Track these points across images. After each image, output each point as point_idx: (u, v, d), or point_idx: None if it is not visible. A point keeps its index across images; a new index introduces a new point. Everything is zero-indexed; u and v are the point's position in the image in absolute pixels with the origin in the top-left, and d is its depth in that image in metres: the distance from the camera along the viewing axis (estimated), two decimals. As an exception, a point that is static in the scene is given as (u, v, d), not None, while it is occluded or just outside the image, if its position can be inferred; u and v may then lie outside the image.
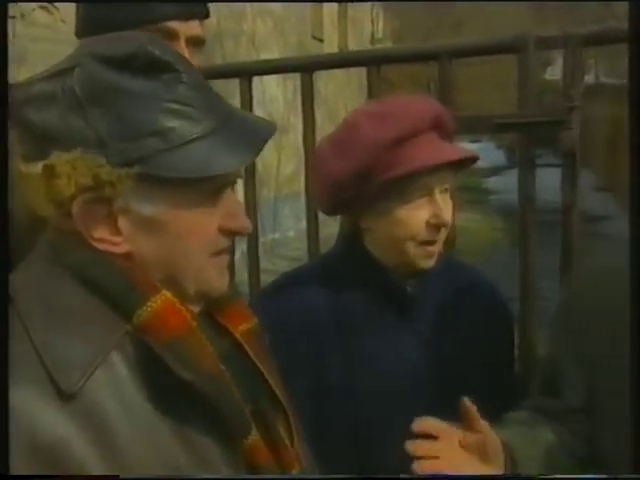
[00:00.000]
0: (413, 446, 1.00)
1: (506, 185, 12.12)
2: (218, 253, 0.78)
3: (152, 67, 0.72)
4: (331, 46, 13.03)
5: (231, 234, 0.79)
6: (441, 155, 1.15)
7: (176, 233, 0.74)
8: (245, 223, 0.80)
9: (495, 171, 14.27)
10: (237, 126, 0.75)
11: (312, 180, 1.26)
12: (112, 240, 0.73)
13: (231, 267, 1.05)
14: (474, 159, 1.22)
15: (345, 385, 1.20)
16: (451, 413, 1.10)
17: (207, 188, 0.74)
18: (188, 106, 0.73)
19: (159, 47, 0.74)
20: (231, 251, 0.84)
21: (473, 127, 1.82)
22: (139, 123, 0.70)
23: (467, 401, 1.04)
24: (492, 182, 14.19)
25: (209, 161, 0.72)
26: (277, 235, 8.42)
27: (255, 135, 0.76)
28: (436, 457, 1.00)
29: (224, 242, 0.79)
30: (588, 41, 1.56)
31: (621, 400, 1.13)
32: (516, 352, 1.51)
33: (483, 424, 1.04)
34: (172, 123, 0.71)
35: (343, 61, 1.78)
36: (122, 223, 0.73)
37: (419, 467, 0.99)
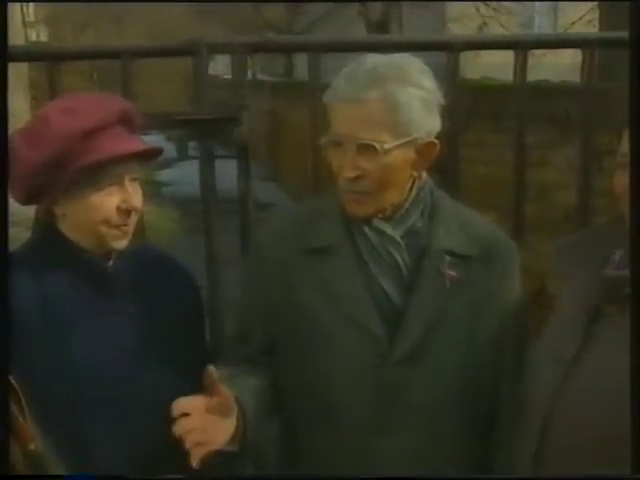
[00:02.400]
0: (175, 428, 1.15)
1: (178, 177, 12.34)
2: None
3: None
4: (-21, 30, 11.86)
5: None
6: (127, 146, 1.28)
7: None
8: None
9: (167, 164, 14.44)
10: None
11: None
12: None
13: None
14: (159, 151, 1.37)
15: (60, 372, 1.25)
16: (163, 382, 1.29)
17: None
18: None
19: None
20: None
21: (153, 123, 1.94)
22: None
23: (211, 369, 1.18)
24: (164, 174, 14.33)
25: None
26: None
27: None
28: (193, 429, 1.15)
29: None
30: (252, 49, 1.79)
31: (290, 340, 1.36)
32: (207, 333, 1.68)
33: (222, 387, 1.19)
34: None
35: (25, 55, 1.78)
36: None
37: (186, 444, 1.14)
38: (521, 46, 1.87)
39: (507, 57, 1.94)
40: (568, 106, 3.89)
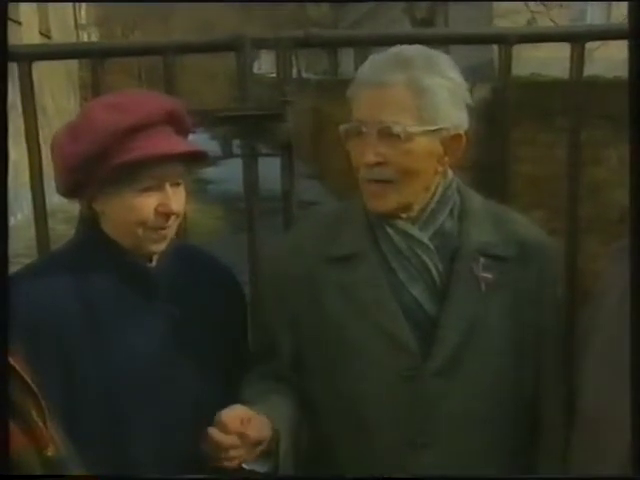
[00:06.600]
0: (210, 437, 1.13)
1: (222, 175, 12.41)
2: None
3: None
4: (31, 29, 12.18)
5: None
6: (167, 147, 1.25)
7: None
8: None
9: (211, 161, 14.50)
10: None
11: (53, 164, 1.29)
12: None
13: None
14: (202, 154, 1.32)
15: (98, 371, 1.23)
16: (203, 385, 1.25)
17: None
18: None
19: None
20: None
21: (197, 120, 1.91)
22: None
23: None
24: (209, 172, 14.44)
25: None
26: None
27: None
28: (229, 446, 1.13)
29: None
30: (296, 44, 1.75)
31: (318, 353, 1.30)
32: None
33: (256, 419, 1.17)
34: None
35: (69, 53, 1.77)
36: None
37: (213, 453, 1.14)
38: (581, 38, 1.77)
39: (554, 52, 1.85)
40: (623, 103, 3.75)
